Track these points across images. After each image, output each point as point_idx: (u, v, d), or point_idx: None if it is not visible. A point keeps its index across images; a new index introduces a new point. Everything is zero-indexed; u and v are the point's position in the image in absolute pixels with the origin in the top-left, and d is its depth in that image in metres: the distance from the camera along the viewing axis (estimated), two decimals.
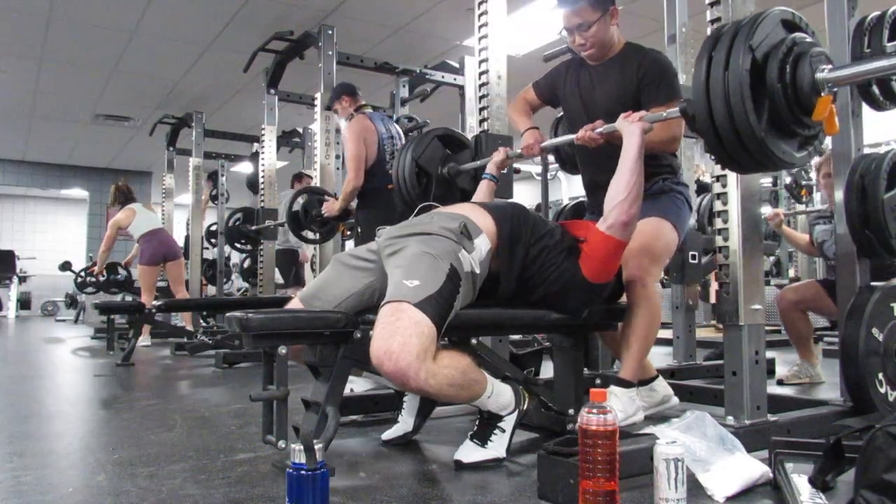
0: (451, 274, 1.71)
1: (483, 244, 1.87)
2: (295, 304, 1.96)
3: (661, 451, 1.33)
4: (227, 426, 2.39)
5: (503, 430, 1.83)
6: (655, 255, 2.20)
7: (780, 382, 3.25)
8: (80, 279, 7.73)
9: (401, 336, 1.55)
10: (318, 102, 4.19)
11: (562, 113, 3.22)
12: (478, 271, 1.83)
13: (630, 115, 2.01)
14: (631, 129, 1.98)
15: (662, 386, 2.37)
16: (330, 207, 3.98)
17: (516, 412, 1.86)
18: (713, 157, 1.75)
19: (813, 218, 3.56)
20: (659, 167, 2.32)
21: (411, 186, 2.77)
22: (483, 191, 2.47)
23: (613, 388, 2.16)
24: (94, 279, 7.10)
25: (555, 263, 1.96)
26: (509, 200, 2.45)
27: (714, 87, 1.56)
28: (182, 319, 6.38)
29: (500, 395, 1.82)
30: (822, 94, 1.54)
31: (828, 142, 2.54)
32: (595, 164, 2.39)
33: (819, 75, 1.54)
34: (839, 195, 2.23)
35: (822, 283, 3.32)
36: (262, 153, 5.44)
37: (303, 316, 1.74)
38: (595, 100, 2.35)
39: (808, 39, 1.61)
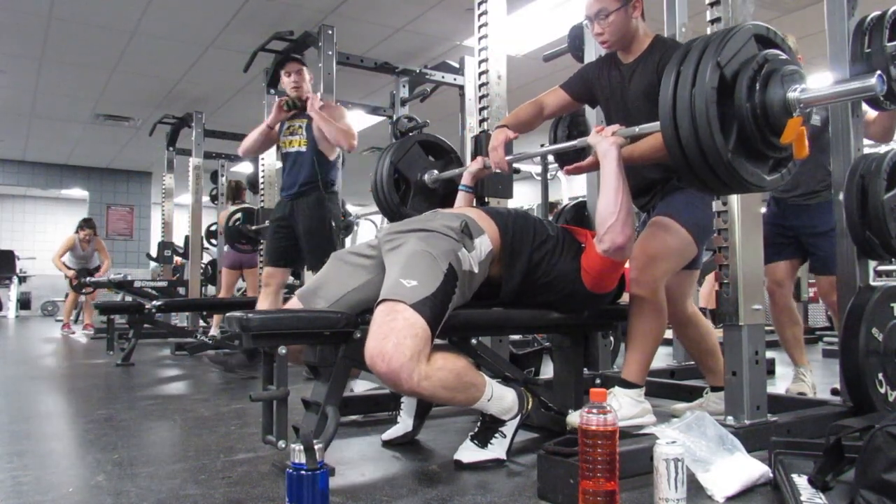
0: (449, 274, 1.71)
1: (483, 245, 1.86)
2: (294, 302, 1.95)
3: (661, 451, 1.33)
4: (227, 426, 2.39)
5: (504, 435, 1.83)
6: (656, 256, 2.12)
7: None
8: (76, 282, 7.66)
9: (395, 337, 1.55)
10: None
11: (561, 114, 3.21)
12: (476, 271, 1.82)
13: (602, 128, 1.96)
14: (604, 146, 1.91)
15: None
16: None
17: (519, 417, 1.85)
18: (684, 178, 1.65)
19: None
20: None
21: (389, 192, 2.72)
22: (460, 203, 2.42)
23: (616, 389, 2.15)
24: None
25: (557, 267, 1.96)
26: (511, 207, 2.40)
27: (680, 106, 1.48)
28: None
29: (501, 398, 1.81)
30: (794, 115, 1.47)
31: None
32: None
33: (791, 95, 1.47)
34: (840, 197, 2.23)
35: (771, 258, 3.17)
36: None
37: (303, 316, 1.74)
38: (625, 98, 2.24)
39: (782, 56, 1.53)
